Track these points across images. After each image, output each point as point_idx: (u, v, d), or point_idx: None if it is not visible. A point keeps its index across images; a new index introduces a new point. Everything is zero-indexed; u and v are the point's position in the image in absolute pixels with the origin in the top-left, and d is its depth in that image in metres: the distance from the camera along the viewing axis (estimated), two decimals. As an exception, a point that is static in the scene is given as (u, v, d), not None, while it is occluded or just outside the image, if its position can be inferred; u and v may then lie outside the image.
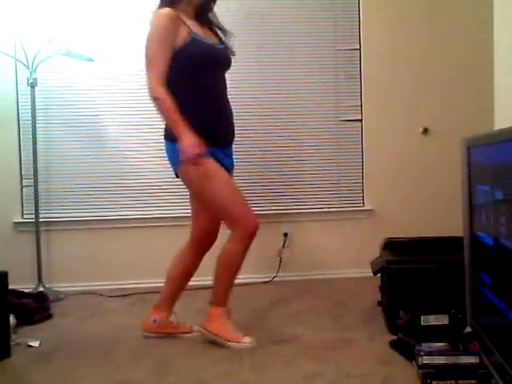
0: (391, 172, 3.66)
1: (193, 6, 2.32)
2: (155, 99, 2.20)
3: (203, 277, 2.54)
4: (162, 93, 2.18)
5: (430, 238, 2.81)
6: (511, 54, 3.36)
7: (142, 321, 2.53)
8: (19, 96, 3.49)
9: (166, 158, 2.38)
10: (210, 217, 2.43)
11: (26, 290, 3.08)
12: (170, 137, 2.27)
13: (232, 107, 2.42)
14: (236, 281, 3.43)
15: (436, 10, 3.64)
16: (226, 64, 2.39)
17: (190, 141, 2.17)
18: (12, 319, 2.46)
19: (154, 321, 2.48)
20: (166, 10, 2.20)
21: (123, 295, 3.30)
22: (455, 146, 2.04)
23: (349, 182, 3.70)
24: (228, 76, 2.43)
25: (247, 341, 2.31)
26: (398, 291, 2.43)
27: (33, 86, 3.30)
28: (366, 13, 3.63)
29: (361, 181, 3.70)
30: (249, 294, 3.08)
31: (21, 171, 3.52)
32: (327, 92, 3.66)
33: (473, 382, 1.79)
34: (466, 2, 3.64)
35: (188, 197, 2.75)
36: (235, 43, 2.77)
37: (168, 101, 2.18)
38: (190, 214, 3.58)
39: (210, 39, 2.36)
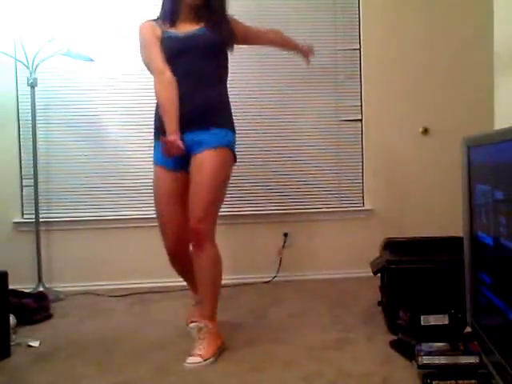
0: (391, 172, 3.66)
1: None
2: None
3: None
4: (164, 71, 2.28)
5: (429, 237, 2.81)
6: (511, 55, 3.37)
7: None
8: (19, 96, 3.49)
9: None
10: None
11: (26, 290, 3.08)
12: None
13: (232, 107, 2.40)
14: (236, 281, 3.43)
15: (436, 11, 3.63)
16: (188, 49, 2.31)
17: (169, 134, 2.22)
18: (12, 319, 2.46)
19: None
20: (141, 24, 2.42)
21: (123, 295, 3.30)
22: (455, 145, 2.04)
23: (349, 182, 3.70)
24: (228, 76, 2.42)
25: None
26: (398, 291, 2.43)
27: (33, 86, 3.30)
28: (366, 13, 3.63)
29: (361, 181, 3.69)
30: (249, 294, 3.07)
31: (21, 171, 3.51)
32: (327, 92, 3.66)
33: (473, 382, 1.79)
34: (466, 1, 3.64)
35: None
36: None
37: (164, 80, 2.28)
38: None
39: (182, 31, 2.34)
